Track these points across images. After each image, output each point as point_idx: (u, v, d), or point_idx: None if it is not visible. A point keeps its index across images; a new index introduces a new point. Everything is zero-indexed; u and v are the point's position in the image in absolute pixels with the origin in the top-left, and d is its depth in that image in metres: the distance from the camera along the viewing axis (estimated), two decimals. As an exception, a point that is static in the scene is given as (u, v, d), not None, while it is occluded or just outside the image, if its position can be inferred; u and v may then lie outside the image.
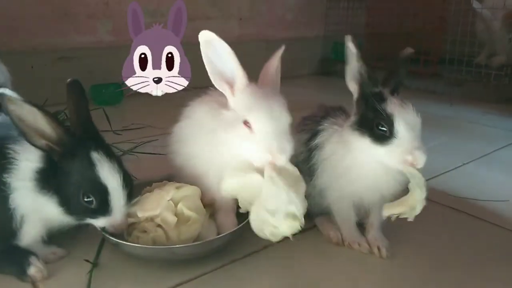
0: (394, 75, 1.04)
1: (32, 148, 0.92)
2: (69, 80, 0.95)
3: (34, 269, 0.94)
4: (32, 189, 0.93)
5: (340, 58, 3.66)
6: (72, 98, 0.95)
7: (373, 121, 0.97)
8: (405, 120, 0.95)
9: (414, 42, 3.16)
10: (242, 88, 1.00)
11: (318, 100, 1.26)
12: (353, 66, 1.02)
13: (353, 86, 1.04)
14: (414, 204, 0.95)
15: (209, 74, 1.01)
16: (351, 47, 1.01)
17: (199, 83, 1.08)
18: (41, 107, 0.89)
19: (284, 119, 0.98)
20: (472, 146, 1.90)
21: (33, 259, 0.96)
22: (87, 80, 1.83)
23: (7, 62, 1.70)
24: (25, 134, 0.89)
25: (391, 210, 0.97)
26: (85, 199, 0.92)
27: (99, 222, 0.97)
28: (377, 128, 0.96)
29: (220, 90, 1.02)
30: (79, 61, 2.50)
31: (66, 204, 0.94)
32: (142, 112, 2.14)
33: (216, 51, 0.98)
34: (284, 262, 1.04)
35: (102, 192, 0.93)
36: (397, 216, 0.97)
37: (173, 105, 1.11)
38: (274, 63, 1.06)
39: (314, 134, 1.11)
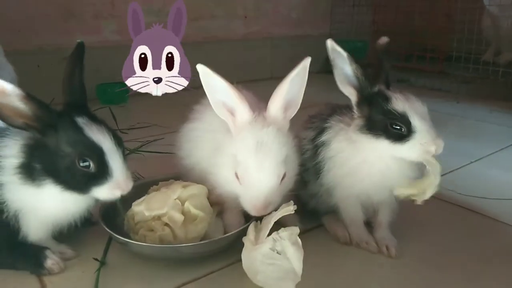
0: (381, 68, 1.04)
1: (11, 144, 0.91)
2: (79, 41, 0.95)
3: (51, 262, 0.95)
4: (20, 183, 0.90)
5: (345, 56, 3.66)
6: (71, 60, 0.95)
7: (385, 122, 0.97)
8: (417, 114, 0.95)
9: (420, 40, 3.16)
10: (241, 126, 0.98)
11: (323, 98, 1.25)
12: (346, 69, 1.01)
13: (348, 90, 1.02)
14: (425, 188, 0.96)
15: (211, 103, 1.00)
16: (339, 50, 0.99)
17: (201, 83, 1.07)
18: (11, 85, 0.84)
19: (271, 177, 0.95)
20: (480, 144, 1.88)
21: (48, 253, 0.96)
22: (92, 79, 1.84)
23: (14, 61, 1.71)
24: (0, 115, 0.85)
25: (403, 191, 0.98)
26: (82, 164, 0.88)
27: (104, 190, 0.91)
28: (392, 128, 0.96)
29: (223, 118, 1.00)
30: (85, 60, 2.50)
31: (64, 179, 0.90)
32: (148, 111, 2.15)
33: (215, 84, 0.98)
34: (291, 261, 1.03)
35: (97, 153, 0.88)
36: (407, 197, 0.98)
37: (179, 104, 1.11)
38: (282, 90, 1.00)
39: (321, 131, 1.10)
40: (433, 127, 0.96)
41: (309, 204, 1.18)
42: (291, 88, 1.00)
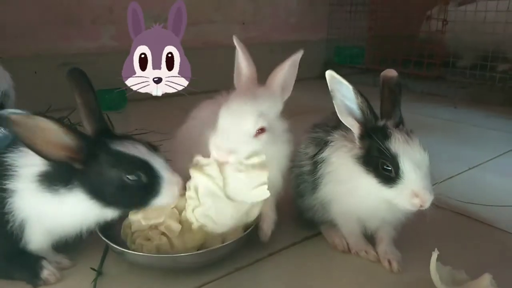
0: (394, 102, 0.99)
1: (32, 154, 0.88)
2: (69, 70, 0.93)
3: (47, 272, 0.95)
4: (38, 190, 0.90)
5: (343, 62, 3.67)
6: (78, 90, 0.93)
7: (377, 160, 0.93)
8: (410, 160, 0.91)
9: (417, 45, 3.17)
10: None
11: (321, 104, 1.25)
12: (348, 101, 0.97)
13: (350, 122, 0.98)
14: None
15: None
16: (343, 81, 0.95)
17: (203, 87, 1.07)
18: (53, 118, 0.85)
19: (242, 115, 0.96)
20: (478, 151, 1.88)
21: (45, 263, 0.96)
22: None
23: (11, 67, 1.70)
24: (39, 152, 0.85)
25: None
26: (132, 179, 0.89)
27: (164, 197, 0.93)
28: (382, 169, 0.93)
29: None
30: (83, 66, 2.45)
31: (119, 200, 0.92)
32: (146, 118, 2.14)
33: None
34: (289, 270, 1.03)
35: (141, 164, 0.90)
36: None
37: (177, 110, 1.10)
38: (283, 69, 1.03)
39: (322, 147, 1.07)
40: (426, 178, 0.92)
41: (305, 214, 1.17)
42: (287, 72, 1.02)
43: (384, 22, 3.39)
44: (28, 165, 0.91)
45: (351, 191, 1.01)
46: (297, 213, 1.20)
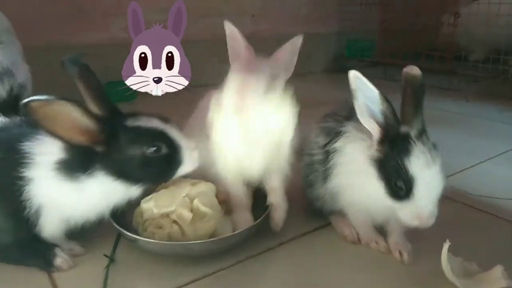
0: (416, 106, 0.92)
1: (47, 140, 0.90)
2: (63, 59, 0.92)
3: (60, 260, 0.96)
4: (53, 179, 0.91)
5: (353, 55, 3.65)
6: (78, 75, 0.93)
7: (392, 174, 0.91)
8: (426, 185, 0.89)
9: (429, 38, 3.14)
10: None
11: (332, 97, 1.25)
12: (370, 104, 0.93)
13: (370, 125, 0.95)
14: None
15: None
16: (368, 84, 0.92)
17: (212, 80, 1.07)
18: (74, 101, 0.85)
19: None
20: (490, 144, 1.86)
21: (58, 250, 0.97)
22: (102, 77, 1.83)
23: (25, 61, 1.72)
24: (61, 137, 0.86)
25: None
26: (153, 150, 0.92)
27: (187, 164, 0.97)
28: (394, 184, 0.91)
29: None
30: (94, 58, 2.49)
31: (144, 174, 0.95)
32: (156, 109, 2.12)
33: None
34: (300, 259, 1.03)
35: (162, 136, 0.93)
36: None
37: (186, 102, 1.11)
38: (288, 47, 1.05)
39: (334, 136, 1.06)
40: (434, 203, 0.91)
41: (315, 204, 1.17)
42: (290, 52, 1.04)
43: (396, 14, 3.35)
44: (45, 153, 0.91)
45: (362, 184, 1.00)
46: (307, 203, 1.20)
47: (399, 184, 0.91)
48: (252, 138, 0.99)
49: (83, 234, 1.03)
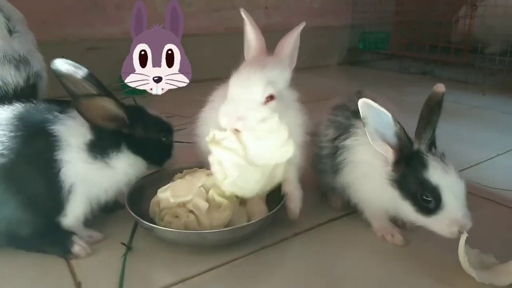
0: (428, 121, 0.95)
1: (73, 123, 0.98)
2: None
3: (78, 247, 0.98)
4: (84, 160, 0.98)
5: (368, 48, 3.62)
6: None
7: (416, 189, 0.92)
8: (451, 190, 0.90)
9: (445, 30, 3.09)
10: None
11: (346, 90, 1.24)
12: (381, 128, 0.94)
13: (383, 148, 0.96)
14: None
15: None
16: (379, 108, 0.91)
17: (225, 73, 1.08)
18: (110, 95, 0.98)
19: (250, 83, 0.97)
20: (506, 137, 1.84)
21: (75, 238, 0.99)
22: (115, 70, 1.85)
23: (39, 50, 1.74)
24: (98, 124, 0.99)
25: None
26: (165, 138, 1.12)
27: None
28: (421, 198, 0.92)
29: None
30: (108, 51, 2.53)
31: (154, 155, 1.11)
32: (169, 101, 2.14)
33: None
34: (314, 250, 1.03)
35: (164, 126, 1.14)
36: None
37: (200, 94, 1.12)
38: (291, 38, 1.05)
39: (343, 132, 1.07)
40: (465, 205, 0.91)
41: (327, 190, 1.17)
42: (294, 42, 1.06)
43: (411, 6, 3.31)
44: (75, 136, 0.98)
45: (375, 185, 1.00)
46: (321, 194, 1.20)
47: (426, 197, 0.91)
48: (256, 161, 1.00)
49: (101, 222, 1.05)
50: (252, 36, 1.09)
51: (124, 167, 1.04)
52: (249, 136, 0.98)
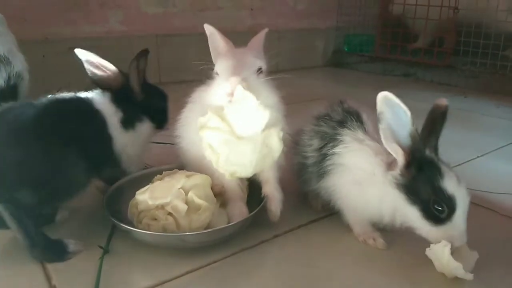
0: (433, 130, 0.94)
1: (103, 100, 1.14)
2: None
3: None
4: (123, 133, 1.15)
5: (353, 50, 3.64)
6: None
7: (429, 197, 0.89)
8: (462, 204, 0.89)
9: (427, 33, 3.13)
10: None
11: (330, 92, 1.25)
12: (397, 126, 0.90)
13: (394, 148, 0.92)
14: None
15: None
16: (399, 104, 0.88)
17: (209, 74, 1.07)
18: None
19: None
20: (487, 139, 1.87)
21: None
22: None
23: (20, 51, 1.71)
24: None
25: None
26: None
27: None
28: (433, 207, 0.89)
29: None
30: (90, 50, 2.49)
31: (159, 119, 1.27)
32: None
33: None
34: (294, 252, 1.03)
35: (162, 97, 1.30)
36: None
37: (182, 95, 1.11)
38: (260, 37, 1.14)
39: (330, 141, 1.05)
40: (466, 218, 0.90)
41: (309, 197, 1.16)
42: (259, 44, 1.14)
43: (395, 9, 3.34)
44: (111, 115, 1.13)
45: (363, 193, 0.99)
46: (301, 196, 1.20)
47: (439, 207, 0.89)
48: (242, 132, 1.00)
49: (77, 224, 1.03)
50: (221, 42, 1.13)
51: (145, 133, 1.22)
52: (229, 110, 1.00)
